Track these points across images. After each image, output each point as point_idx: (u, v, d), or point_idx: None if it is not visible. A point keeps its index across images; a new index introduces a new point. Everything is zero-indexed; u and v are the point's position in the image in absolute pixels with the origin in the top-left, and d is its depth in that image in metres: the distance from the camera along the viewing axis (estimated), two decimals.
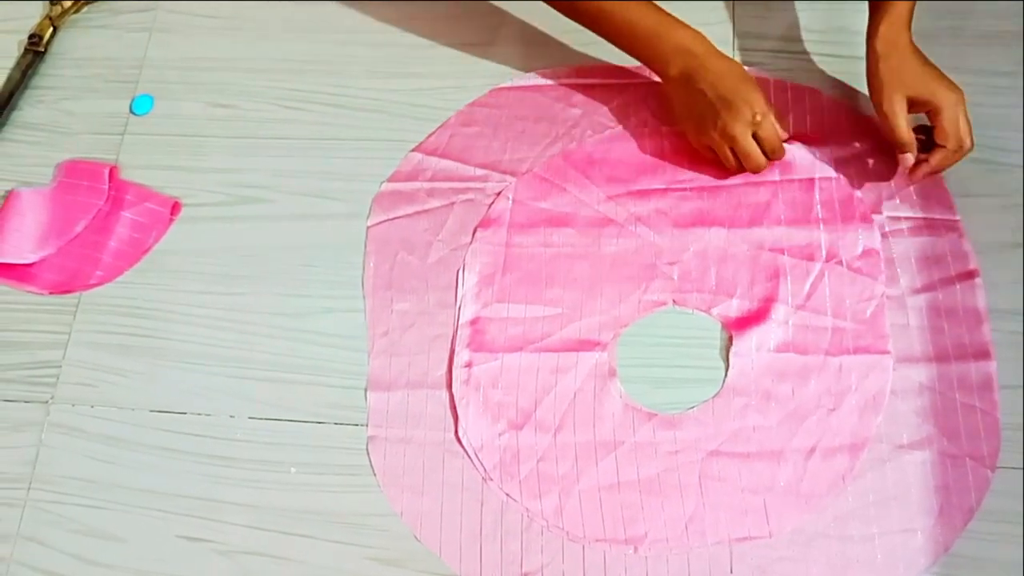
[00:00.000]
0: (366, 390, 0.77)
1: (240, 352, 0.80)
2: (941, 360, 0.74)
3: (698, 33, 0.78)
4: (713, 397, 0.74)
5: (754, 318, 0.76)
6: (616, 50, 0.80)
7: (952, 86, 0.75)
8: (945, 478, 0.70)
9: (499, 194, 0.83)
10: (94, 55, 0.94)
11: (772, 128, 0.77)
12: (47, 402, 0.79)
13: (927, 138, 0.77)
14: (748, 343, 0.75)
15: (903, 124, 0.76)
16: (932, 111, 0.75)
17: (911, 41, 0.77)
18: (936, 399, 0.73)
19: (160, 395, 0.79)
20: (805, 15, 0.89)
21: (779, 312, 0.76)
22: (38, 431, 0.78)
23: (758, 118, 0.76)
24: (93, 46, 0.95)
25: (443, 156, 0.85)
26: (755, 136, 0.77)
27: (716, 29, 0.88)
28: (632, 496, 0.71)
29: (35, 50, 0.93)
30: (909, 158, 0.77)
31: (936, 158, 0.76)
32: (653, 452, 0.73)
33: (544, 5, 0.82)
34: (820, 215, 0.80)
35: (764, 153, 0.78)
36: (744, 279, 0.78)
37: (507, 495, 0.72)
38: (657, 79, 0.82)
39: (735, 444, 0.73)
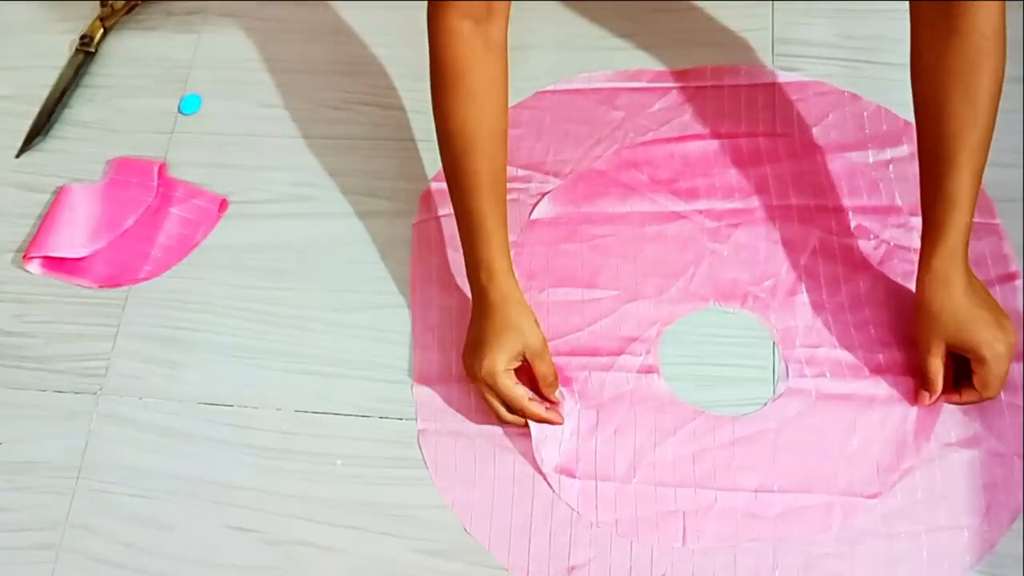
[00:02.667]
0: (412, 384, 0.78)
1: (287, 346, 0.81)
2: None
3: (508, 261, 0.73)
4: (770, 397, 0.75)
5: (798, 313, 0.77)
6: (656, 55, 0.81)
7: (1001, 335, 0.68)
8: (993, 476, 0.70)
9: (543, 195, 0.84)
10: (144, 55, 0.96)
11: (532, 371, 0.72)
12: (96, 393, 0.80)
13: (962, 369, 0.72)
14: (796, 340, 0.76)
15: (934, 368, 0.70)
16: (975, 360, 0.69)
17: (966, 277, 0.69)
18: None
19: (207, 387, 0.80)
20: (844, 21, 0.90)
21: (828, 313, 0.77)
22: (87, 421, 0.79)
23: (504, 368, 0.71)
24: (143, 47, 0.97)
25: None
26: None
27: (756, 35, 0.89)
28: (685, 490, 0.72)
29: (86, 50, 0.95)
30: (925, 397, 0.72)
31: (966, 398, 0.71)
32: (711, 448, 0.73)
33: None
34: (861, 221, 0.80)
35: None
36: (791, 276, 0.79)
37: (560, 489, 0.73)
38: (700, 83, 0.83)
39: (793, 440, 0.73)
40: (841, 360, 0.75)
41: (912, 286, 0.77)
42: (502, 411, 0.73)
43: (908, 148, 0.83)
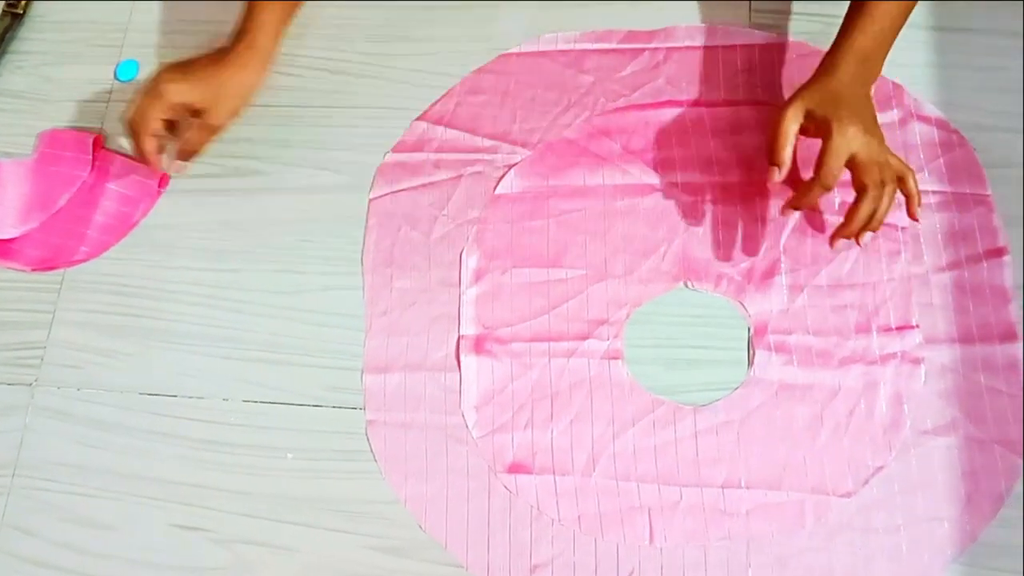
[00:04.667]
0: (362, 372, 0.74)
1: (233, 332, 0.76)
2: (965, 341, 0.71)
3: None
4: (737, 384, 0.71)
5: (774, 296, 0.73)
6: (627, 13, 0.76)
7: (860, 131, 0.67)
8: (972, 464, 0.67)
9: (509, 167, 0.79)
10: (76, 18, 0.90)
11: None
12: (31, 384, 0.76)
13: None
14: (769, 325, 0.72)
15: (787, 126, 0.68)
16: (825, 134, 0.67)
17: (861, 89, 0.70)
18: (960, 382, 0.70)
19: (150, 377, 0.75)
20: None
21: (805, 296, 0.73)
22: (22, 415, 0.75)
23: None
24: (75, 9, 0.90)
25: (449, 126, 0.81)
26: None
27: None
28: (649, 486, 0.68)
29: (13, 12, 0.88)
30: (775, 172, 0.68)
31: (803, 189, 0.69)
32: (672, 440, 0.70)
33: None
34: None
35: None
36: (769, 256, 0.74)
37: (516, 489, 0.69)
38: (673, 44, 0.78)
39: (758, 432, 0.70)
40: (812, 347, 0.71)
41: (899, 266, 0.73)
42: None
43: (898, 112, 0.78)
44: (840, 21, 0.77)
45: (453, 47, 0.84)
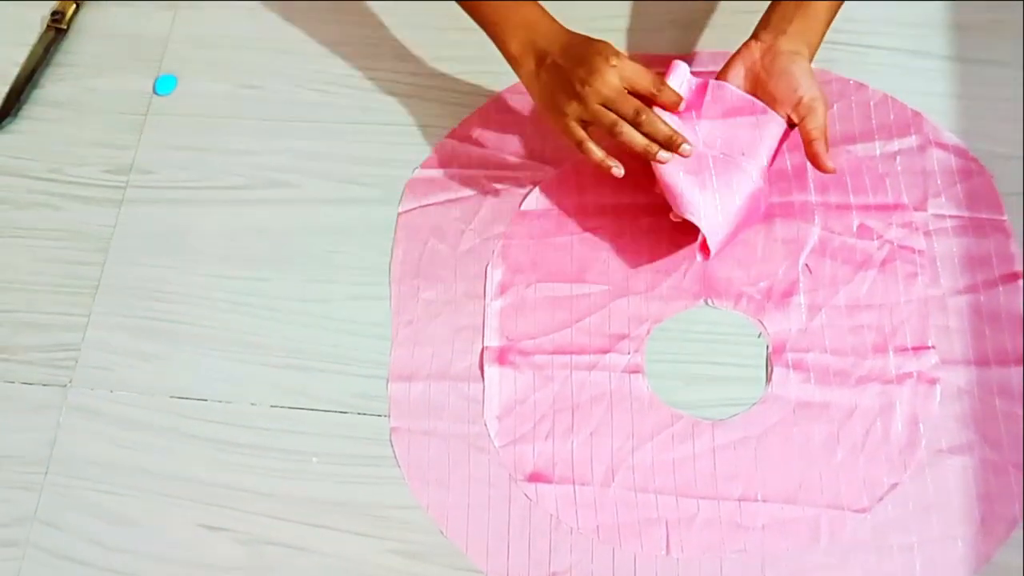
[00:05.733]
0: (388, 380, 0.75)
1: (262, 338, 0.78)
2: (981, 364, 0.72)
3: (539, 7, 0.72)
4: (755, 400, 0.72)
5: (792, 315, 0.74)
6: (647, 38, 0.77)
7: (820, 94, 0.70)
8: (987, 486, 0.68)
9: (535, 184, 0.81)
10: (117, 33, 0.93)
11: (635, 69, 0.69)
12: (66, 385, 0.78)
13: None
14: (787, 343, 0.73)
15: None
16: (798, 105, 0.71)
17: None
18: (976, 404, 0.71)
19: (180, 380, 0.77)
20: (845, 4, 0.86)
21: (823, 316, 0.74)
22: (56, 414, 0.77)
23: (613, 62, 0.68)
24: (116, 24, 0.93)
25: (477, 144, 0.83)
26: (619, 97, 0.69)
27: (751, 18, 0.84)
28: (666, 498, 0.70)
29: (57, 27, 0.92)
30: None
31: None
32: (691, 454, 0.71)
33: None
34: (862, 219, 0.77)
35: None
36: (788, 276, 0.76)
37: (536, 498, 0.70)
38: (695, 69, 0.79)
39: (775, 448, 0.70)
40: (830, 366, 0.72)
41: (916, 288, 0.74)
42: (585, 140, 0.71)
43: (916, 139, 0.80)
44: (859, 47, 0.80)
45: (483, 67, 0.86)
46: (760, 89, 0.72)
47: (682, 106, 0.72)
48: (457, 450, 0.72)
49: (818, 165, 0.71)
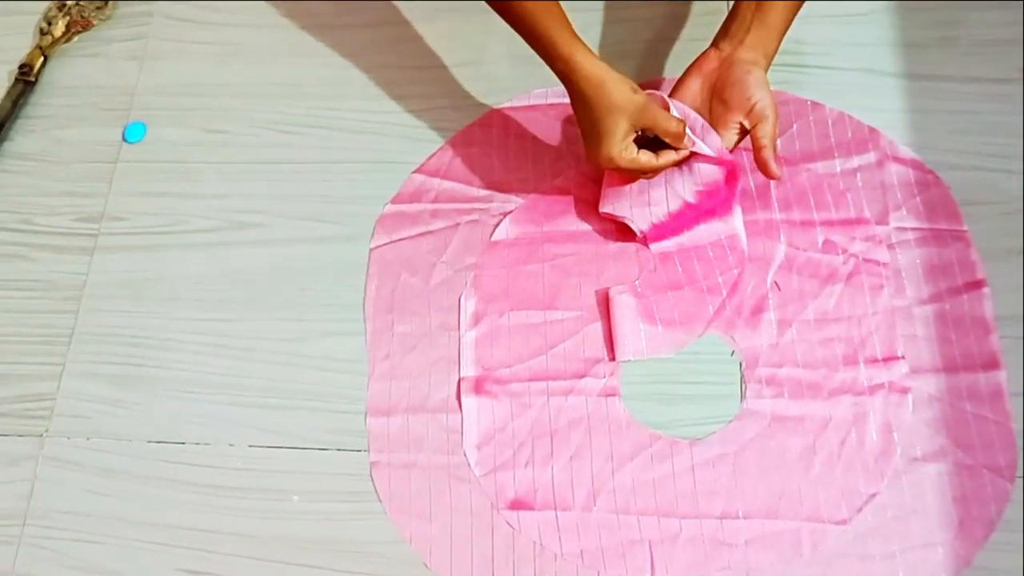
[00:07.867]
0: (366, 415, 0.75)
1: (238, 379, 0.78)
2: (950, 371, 0.73)
3: (584, 49, 0.72)
4: (730, 418, 0.73)
5: (763, 331, 0.75)
6: (614, 65, 0.79)
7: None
8: (963, 490, 0.69)
9: (504, 215, 0.82)
10: (85, 84, 0.93)
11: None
12: (41, 435, 0.77)
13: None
14: (759, 359, 0.74)
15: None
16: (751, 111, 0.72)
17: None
18: (947, 410, 0.72)
19: (157, 425, 0.77)
20: (795, 26, 0.88)
21: (793, 331, 0.75)
22: (32, 465, 0.76)
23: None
24: (84, 75, 0.94)
25: (445, 177, 0.84)
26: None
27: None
28: (649, 519, 0.70)
29: (26, 80, 0.92)
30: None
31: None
32: (670, 474, 0.71)
33: None
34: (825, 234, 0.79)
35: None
36: (757, 293, 0.77)
37: (519, 525, 0.70)
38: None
39: (753, 463, 0.71)
40: (802, 380, 0.73)
41: (882, 300, 0.75)
42: (646, 168, 0.73)
43: (875, 155, 0.82)
44: (810, 68, 0.81)
45: (447, 102, 0.88)
46: (715, 97, 0.74)
47: None
48: (438, 481, 0.73)
49: (765, 171, 0.73)
